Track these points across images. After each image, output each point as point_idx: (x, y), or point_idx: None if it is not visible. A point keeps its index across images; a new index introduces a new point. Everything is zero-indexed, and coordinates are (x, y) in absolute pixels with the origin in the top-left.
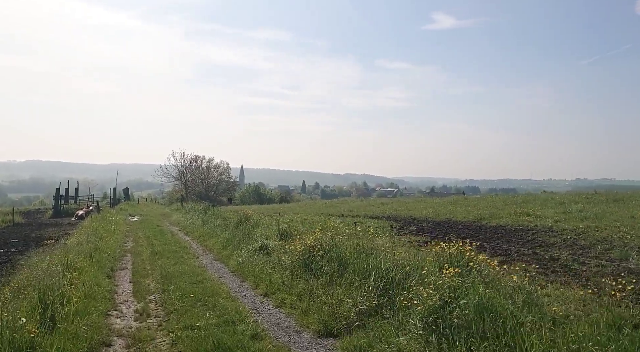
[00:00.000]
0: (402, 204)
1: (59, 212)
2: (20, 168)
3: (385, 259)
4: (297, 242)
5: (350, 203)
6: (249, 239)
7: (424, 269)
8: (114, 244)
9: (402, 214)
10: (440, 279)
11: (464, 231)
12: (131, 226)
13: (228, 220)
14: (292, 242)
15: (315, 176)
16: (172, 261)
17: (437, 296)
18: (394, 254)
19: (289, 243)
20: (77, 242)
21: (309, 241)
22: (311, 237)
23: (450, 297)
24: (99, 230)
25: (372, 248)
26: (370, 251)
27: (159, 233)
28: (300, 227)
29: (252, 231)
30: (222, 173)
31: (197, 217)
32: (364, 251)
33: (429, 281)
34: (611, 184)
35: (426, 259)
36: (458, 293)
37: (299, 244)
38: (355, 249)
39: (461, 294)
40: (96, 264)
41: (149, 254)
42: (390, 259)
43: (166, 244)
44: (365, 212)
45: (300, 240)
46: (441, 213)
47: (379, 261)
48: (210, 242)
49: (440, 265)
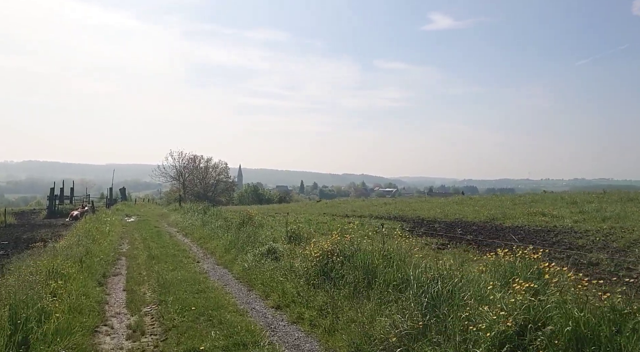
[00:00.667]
0: (405, 204)
1: (53, 213)
2: (18, 168)
3: (426, 268)
4: (311, 247)
5: (352, 203)
6: (254, 242)
7: (483, 282)
8: (108, 247)
9: (408, 214)
10: (510, 297)
11: (481, 232)
12: (127, 227)
13: (229, 221)
14: (305, 246)
15: (313, 176)
16: (171, 266)
17: (511, 319)
18: (437, 262)
19: (300, 247)
20: (67, 245)
21: (326, 245)
22: (326, 240)
23: (529, 321)
24: (92, 231)
25: (400, 253)
26: (401, 257)
27: (156, 235)
28: (307, 228)
29: (256, 232)
30: (220, 173)
31: (197, 217)
32: (393, 256)
33: (494, 298)
34: (609, 184)
35: (478, 269)
36: (539, 316)
37: (315, 248)
38: (383, 255)
39: (543, 317)
40: (86, 269)
41: (146, 257)
42: (433, 267)
43: (164, 247)
44: (370, 212)
45: (315, 244)
46: (449, 213)
47: (419, 271)
48: (211, 245)
49: (505, 278)
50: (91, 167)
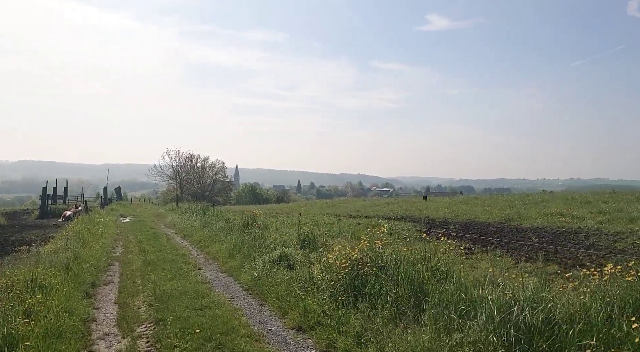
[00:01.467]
0: (409, 204)
1: (45, 213)
2: (13, 168)
3: (504, 288)
4: (334, 254)
5: (353, 203)
6: (262, 246)
7: (598, 314)
8: (100, 251)
9: (415, 214)
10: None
11: (502, 234)
12: (122, 228)
13: (231, 222)
14: (323, 253)
15: (310, 175)
16: (169, 274)
17: None
18: (515, 282)
19: (316, 253)
20: (53, 249)
21: (354, 253)
22: (352, 247)
23: None
24: (83, 234)
25: (447, 264)
26: (449, 269)
27: (152, 237)
28: (316, 230)
29: (263, 235)
30: (217, 173)
31: (195, 218)
32: (440, 268)
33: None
34: (605, 184)
35: (572, 288)
36: None
37: (341, 256)
38: (430, 268)
39: None
40: (73, 279)
41: (141, 263)
42: (509, 287)
43: (161, 251)
44: (374, 212)
45: (340, 251)
46: (459, 213)
47: (488, 290)
48: (213, 249)
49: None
50: (87, 166)
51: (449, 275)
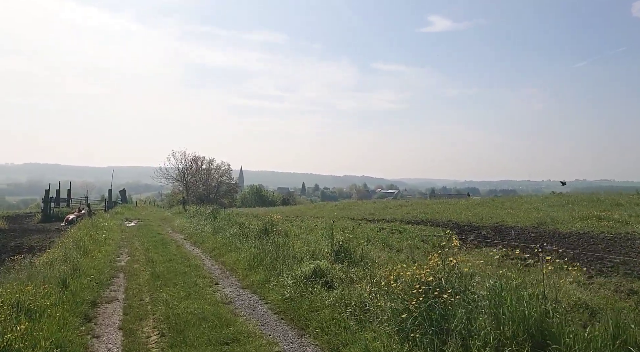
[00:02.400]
0: (424, 206)
1: (48, 217)
2: (18, 171)
3: None
4: (387, 271)
5: (363, 205)
6: (287, 257)
7: None
8: (103, 261)
9: (436, 217)
10: None
11: (544, 240)
12: (127, 233)
13: (247, 227)
14: (373, 270)
15: (314, 177)
16: (182, 291)
17: None
18: None
19: (359, 268)
20: (50, 260)
21: (422, 274)
22: (418, 267)
23: None
24: (85, 240)
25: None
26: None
27: (160, 243)
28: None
29: (286, 243)
30: (222, 175)
31: (206, 223)
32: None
33: None
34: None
35: None
36: None
37: (409, 279)
38: (550, 300)
39: None
40: (70, 298)
41: (149, 276)
42: None
43: (171, 261)
44: (390, 215)
45: (399, 270)
46: (484, 217)
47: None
48: (229, 259)
49: None
50: (92, 169)
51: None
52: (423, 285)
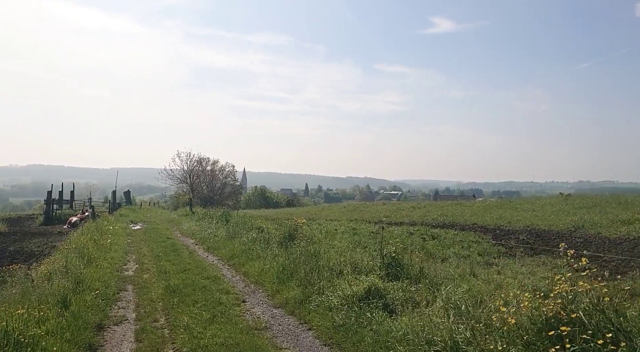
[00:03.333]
0: (438, 208)
1: (50, 219)
2: (22, 172)
3: None
4: (503, 304)
5: (374, 207)
6: (324, 269)
7: None
8: (109, 270)
9: (459, 220)
10: None
11: (599, 247)
12: (133, 236)
13: (266, 232)
14: (432, 289)
15: (316, 179)
16: (204, 311)
17: None
18: None
19: (421, 287)
20: (49, 272)
21: (550, 307)
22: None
23: None
24: (89, 246)
25: None
26: None
27: (170, 250)
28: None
29: (317, 252)
30: (227, 176)
31: (218, 226)
32: None
33: None
34: (614, 187)
35: None
36: None
37: (527, 305)
38: None
39: None
40: (70, 322)
41: (162, 290)
42: None
43: (186, 271)
44: (409, 217)
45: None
46: (512, 220)
47: None
48: (252, 269)
49: None
50: (95, 171)
51: None
52: (554, 322)
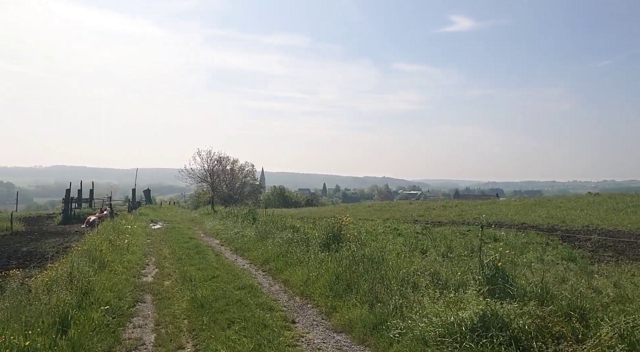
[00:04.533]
0: (472, 207)
1: (69, 218)
2: (46, 173)
3: None
4: None
5: (400, 206)
6: (393, 280)
7: None
8: (124, 276)
9: (504, 219)
10: None
11: None
12: (153, 236)
13: (302, 231)
14: None
15: (334, 179)
16: (246, 337)
17: None
18: None
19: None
20: (51, 280)
21: None
22: None
23: None
24: (103, 248)
25: None
26: None
27: (194, 251)
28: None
29: (372, 257)
30: (246, 175)
31: (245, 225)
32: None
33: None
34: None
35: None
36: None
37: None
38: None
39: None
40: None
41: (188, 303)
42: None
43: (214, 278)
44: (444, 217)
45: None
46: (566, 219)
47: None
48: (294, 277)
49: None
50: (117, 171)
51: None
52: None
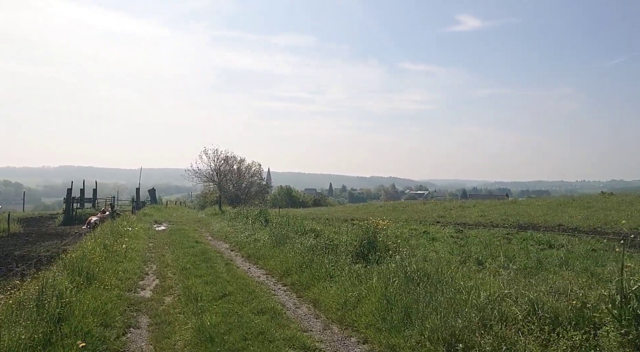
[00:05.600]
0: (492, 208)
1: (70, 219)
2: (54, 174)
3: None
4: None
5: (417, 207)
6: (471, 308)
7: None
8: (116, 291)
9: (536, 221)
10: None
11: None
12: (156, 239)
13: (325, 236)
14: None
15: (340, 178)
16: None
17: None
18: None
19: None
20: (18, 302)
21: None
22: None
23: None
24: (95, 255)
25: None
26: None
27: (201, 259)
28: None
29: (427, 272)
30: (253, 175)
31: (256, 227)
32: None
33: None
34: None
35: None
36: None
37: None
38: None
39: None
40: None
41: (192, 334)
42: None
43: (226, 297)
44: (470, 218)
45: None
46: (608, 220)
47: None
48: (325, 296)
49: None
50: (124, 171)
51: None
52: None
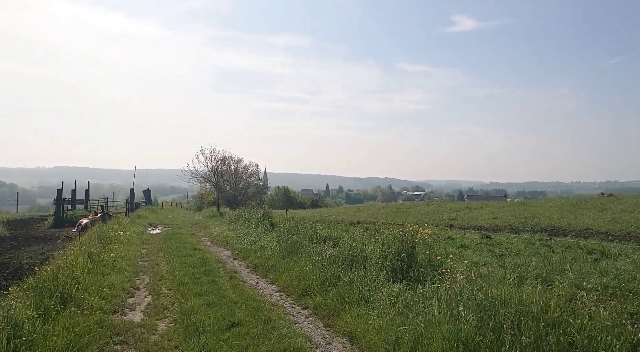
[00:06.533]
0: (502, 209)
1: (60, 221)
2: (49, 174)
3: None
4: None
5: (421, 208)
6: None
7: None
8: (97, 316)
9: (557, 224)
10: None
11: None
12: (150, 245)
13: (343, 243)
14: None
15: (337, 179)
16: None
17: None
18: None
19: None
20: None
21: None
22: None
23: None
24: (77, 269)
25: None
26: None
27: (201, 270)
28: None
29: (490, 291)
30: (251, 175)
31: (261, 233)
32: None
33: None
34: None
35: None
36: None
37: None
38: None
39: None
40: None
41: None
42: None
43: (234, 327)
44: (483, 221)
45: None
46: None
47: None
48: (362, 329)
49: None
50: (120, 172)
51: None
52: None
